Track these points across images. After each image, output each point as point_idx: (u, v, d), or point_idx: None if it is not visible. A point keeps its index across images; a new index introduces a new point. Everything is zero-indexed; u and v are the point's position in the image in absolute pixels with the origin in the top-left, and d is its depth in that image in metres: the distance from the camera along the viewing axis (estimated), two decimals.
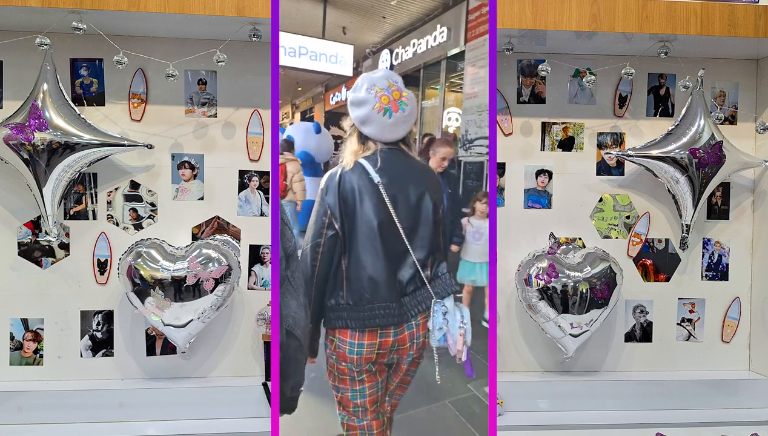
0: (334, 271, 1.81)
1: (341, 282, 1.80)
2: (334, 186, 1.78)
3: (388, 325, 1.79)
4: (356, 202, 1.77)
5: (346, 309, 1.79)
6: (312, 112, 13.78)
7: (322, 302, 1.81)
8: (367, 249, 1.78)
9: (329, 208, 1.77)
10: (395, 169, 1.81)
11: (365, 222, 1.77)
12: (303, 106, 14.68)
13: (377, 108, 1.77)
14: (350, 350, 1.79)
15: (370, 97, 1.78)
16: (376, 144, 1.82)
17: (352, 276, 1.79)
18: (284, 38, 4.11)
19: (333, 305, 1.81)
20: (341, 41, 4.55)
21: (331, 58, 3.81)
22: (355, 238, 1.78)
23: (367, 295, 1.78)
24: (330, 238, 1.77)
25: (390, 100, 1.78)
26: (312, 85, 13.13)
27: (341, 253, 1.79)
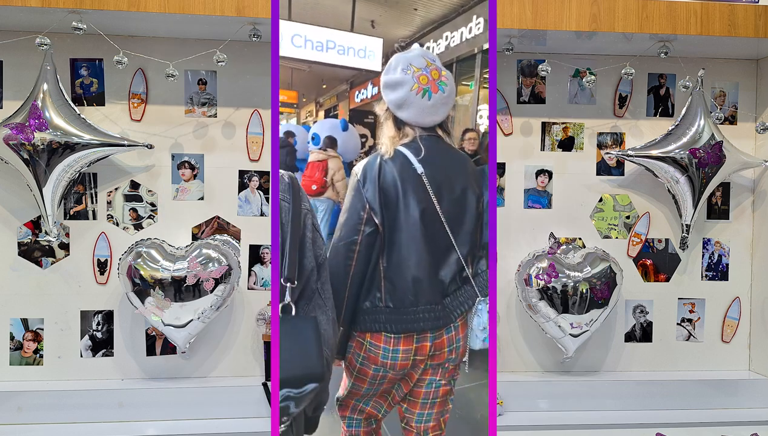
0: (372, 271, 1.62)
1: (378, 283, 1.62)
2: (374, 177, 1.59)
3: (432, 329, 1.63)
4: (398, 195, 1.58)
5: (385, 312, 1.61)
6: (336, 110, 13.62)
7: (356, 305, 1.64)
8: (410, 246, 1.60)
9: (368, 202, 1.58)
10: (437, 159, 1.63)
11: (408, 217, 1.59)
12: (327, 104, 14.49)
13: (415, 89, 1.59)
14: (384, 356, 1.62)
15: (407, 77, 1.61)
16: (414, 130, 1.64)
17: (393, 276, 1.61)
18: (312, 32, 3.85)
19: (368, 307, 1.63)
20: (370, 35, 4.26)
21: (360, 52, 3.58)
22: (397, 234, 1.60)
23: (411, 297, 1.61)
24: (368, 235, 1.58)
25: (429, 79, 1.61)
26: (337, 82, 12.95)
27: (380, 251, 1.61)
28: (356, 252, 1.59)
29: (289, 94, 12.22)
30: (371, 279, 1.63)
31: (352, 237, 1.59)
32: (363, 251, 1.60)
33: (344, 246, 1.60)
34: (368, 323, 1.63)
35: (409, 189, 1.58)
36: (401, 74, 1.63)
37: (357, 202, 1.60)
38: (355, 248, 1.59)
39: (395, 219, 1.60)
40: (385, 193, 1.59)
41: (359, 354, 1.66)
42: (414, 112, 1.62)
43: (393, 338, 1.62)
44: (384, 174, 1.59)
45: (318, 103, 14.88)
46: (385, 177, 1.59)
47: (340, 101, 12.30)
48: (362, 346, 1.65)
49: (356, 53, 3.55)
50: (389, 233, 1.60)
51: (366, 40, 4.04)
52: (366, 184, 1.60)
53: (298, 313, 1.35)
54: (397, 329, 1.61)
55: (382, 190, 1.59)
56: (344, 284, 1.61)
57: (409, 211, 1.59)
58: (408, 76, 1.62)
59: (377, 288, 1.63)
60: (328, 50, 3.54)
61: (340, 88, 11.99)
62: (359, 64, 3.61)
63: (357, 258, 1.60)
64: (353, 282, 1.61)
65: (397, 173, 1.59)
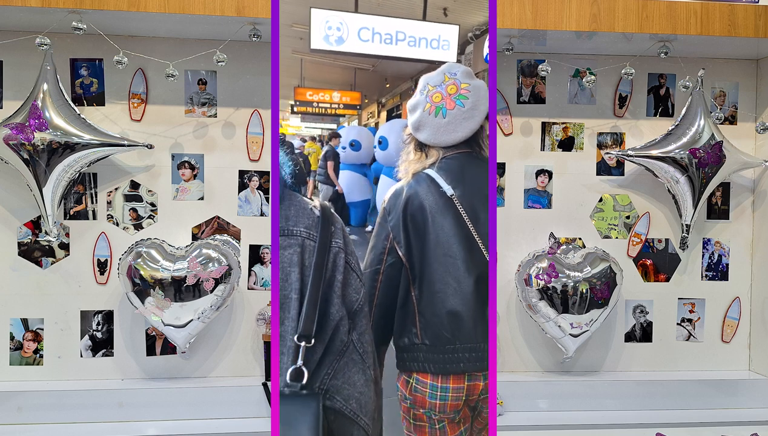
0: (402, 304, 1.52)
1: (413, 317, 1.51)
2: (400, 205, 1.50)
3: (476, 370, 1.50)
4: (427, 223, 1.48)
5: (422, 350, 1.49)
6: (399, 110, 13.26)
7: (382, 341, 1.54)
8: (444, 277, 1.47)
9: (391, 231, 1.51)
10: (469, 177, 1.52)
11: (440, 244, 1.47)
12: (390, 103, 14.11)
13: (428, 109, 1.53)
14: (432, 395, 1.50)
15: (422, 98, 1.56)
16: (438, 151, 1.55)
17: (427, 311, 1.49)
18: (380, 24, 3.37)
19: (406, 344, 1.52)
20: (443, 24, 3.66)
21: (432, 42, 3.14)
22: (427, 264, 1.48)
23: (447, 334, 1.46)
24: (390, 265, 1.51)
25: (443, 96, 1.53)
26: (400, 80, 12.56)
27: (409, 283, 1.51)
28: (379, 281, 1.53)
29: (352, 96, 11.98)
30: (404, 313, 1.53)
31: (375, 266, 1.54)
32: (385, 282, 1.53)
33: (369, 275, 1.54)
34: (408, 362, 1.53)
35: (438, 214, 1.48)
36: (419, 96, 1.58)
37: (381, 231, 1.54)
38: (378, 277, 1.53)
39: (424, 248, 1.49)
40: (413, 222, 1.50)
41: (408, 397, 1.55)
42: (429, 132, 1.54)
43: (440, 376, 1.50)
44: (410, 201, 1.50)
45: (380, 104, 14.29)
46: (412, 204, 1.50)
47: (404, 100, 11.83)
48: (408, 385, 1.54)
49: (429, 44, 3.16)
50: (419, 263, 1.50)
51: (439, 29, 3.55)
52: (392, 213, 1.52)
53: (320, 375, 1.12)
54: (435, 369, 1.49)
55: (409, 219, 1.50)
56: (370, 310, 1.49)
57: (440, 239, 1.48)
58: (422, 97, 1.57)
59: (412, 323, 1.52)
60: (398, 42, 3.20)
61: (403, 86, 11.45)
62: (432, 56, 3.17)
63: (380, 287, 1.53)
64: (378, 313, 1.53)
65: (424, 199, 1.49)
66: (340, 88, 11.84)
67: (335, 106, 11.82)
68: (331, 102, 11.76)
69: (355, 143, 7.96)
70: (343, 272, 1.19)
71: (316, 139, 11.82)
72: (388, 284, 1.52)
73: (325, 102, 11.71)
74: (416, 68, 10.20)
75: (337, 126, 12.36)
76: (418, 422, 1.55)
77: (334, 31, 3.65)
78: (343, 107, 11.89)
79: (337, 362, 1.17)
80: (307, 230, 1.17)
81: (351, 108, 12.20)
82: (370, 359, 1.22)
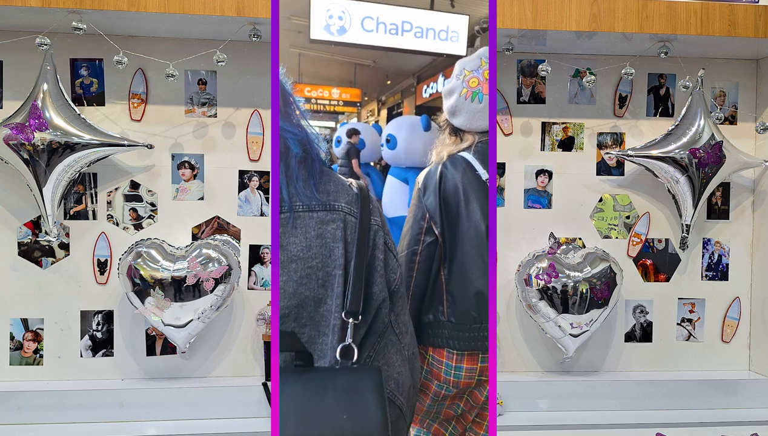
0: (432, 283, 1.56)
1: (440, 296, 1.55)
2: (434, 185, 1.53)
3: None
4: (460, 204, 1.51)
5: (448, 327, 1.54)
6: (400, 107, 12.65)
7: (418, 318, 1.57)
8: (474, 258, 1.50)
9: (428, 211, 1.53)
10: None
11: (472, 226, 1.50)
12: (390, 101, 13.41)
13: (464, 93, 1.55)
14: (446, 372, 1.56)
15: (458, 83, 1.57)
16: (474, 136, 1.57)
17: (455, 290, 1.53)
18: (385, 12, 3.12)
19: (431, 320, 1.56)
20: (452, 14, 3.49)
21: (441, 33, 2.91)
22: (459, 245, 1.52)
23: (474, 313, 1.51)
24: (428, 245, 1.53)
25: (480, 81, 1.54)
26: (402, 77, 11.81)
27: (440, 262, 1.54)
28: (417, 263, 1.54)
29: (352, 93, 11.29)
30: (433, 292, 1.57)
31: (412, 247, 1.55)
32: (424, 262, 1.54)
33: (405, 257, 1.55)
34: (431, 338, 1.57)
35: (473, 196, 1.51)
36: (455, 80, 1.58)
37: (418, 212, 1.55)
38: (416, 258, 1.54)
39: (457, 229, 1.52)
40: (446, 202, 1.53)
41: (422, 367, 1.58)
42: (465, 117, 1.57)
43: (456, 354, 1.54)
44: (445, 181, 1.53)
45: (380, 102, 13.42)
46: (446, 185, 1.53)
47: (405, 97, 11.10)
48: (424, 359, 1.58)
49: (437, 35, 2.92)
50: (450, 243, 1.53)
51: (448, 19, 3.29)
52: (426, 192, 1.55)
53: (362, 356, 1.11)
54: (460, 346, 1.54)
55: (443, 199, 1.53)
56: (407, 295, 1.53)
57: (471, 220, 1.51)
58: (459, 82, 1.58)
59: (439, 302, 1.56)
60: (404, 33, 2.92)
61: (405, 83, 10.72)
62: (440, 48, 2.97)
63: (418, 269, 1.55)
64: (414, 295, 1.55)
65: (459, 180, 1.52)
66: (339, 85, 11.21)
67: (334, 103, 11.29)
68: (330, 99, 11.22)
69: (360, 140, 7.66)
70: (384, 251, 1.17)
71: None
72: (427, 264, 1.54)
73: (323, 99, 11.16)
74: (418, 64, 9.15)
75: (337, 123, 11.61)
76: (423, 389, 1.59)
77: (336, 21, 3.38)
78: (342, 104, 11.35)
79: (378, 343, 1.16)
80: (348, 206, 1.16)
81: (351, 105, 11.63)
82: (408, 339, 1.21)
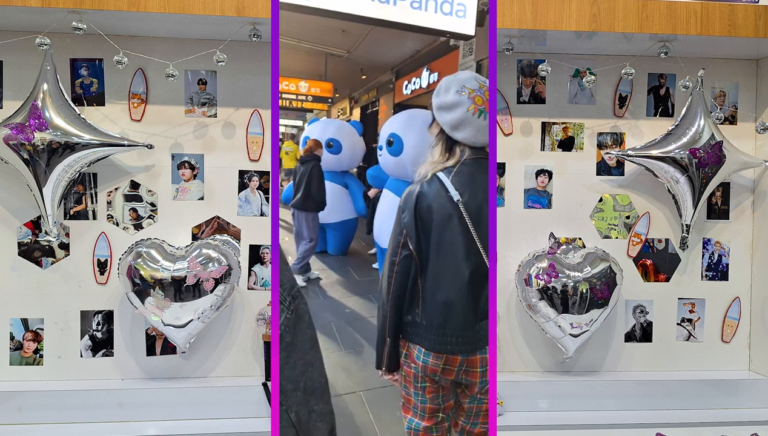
0: (411, 287, 1.74)
1: (417, 300, 1.74)
2: (411, 205, 1.68)
3: (461, 352, 1.72)
4: (433, 223, 1.67)
5: (421, 328, 1.73)
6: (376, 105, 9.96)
7: (399, 319, 1.76)
8: (445, 271, 1.68)
9: (405, 228, 1.69)
10: (479, 182, 1.69)
11: (444, 243, 1.67)
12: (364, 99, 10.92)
13: (471, 109, 1.67)
14: (417, 356, 1.76)
15: (463, 99, 1.68)
16: (463, 152, 1.71)
17: (428, 297, 1.72)
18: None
19: (410, 320, 1.76)
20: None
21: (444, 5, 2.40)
22: (432, 258, 1.69)
23: (440, 318, 1.69)
24: (404, 258, 1.70)
25: (483, 100, 1.69)
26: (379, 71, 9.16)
27: (417, 272, 1.72)
28: (394, 272, 1.72)
29: (323, 87, 9.96)
30: (412, 294, 1.74)
31: (392, 257, 1.72)
32: (400, 271, 1.72)
33: (388, 265, 1.73)
34: (410, 335, 1.77)
35: (445, 216, 1.66)
36: (456, 96, 1.69)
37: (397, 227, 1.72)
38: (395, 268, 1.72)
39: (429, 244, 1.68)
40: (422, 221, 1.67)
41: (405, 354, 1.80)
42: (471, 132, 1.69)
43: (424, 350, 1.74)
44: (420, 202, 1.68)
45: (353, 99, 12.09)
46: (421, 205, 1.67)
47: (382, 95, 9.97)
48: (409, 349, 1.79)
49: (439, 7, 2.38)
50: (425, 256, 1.69)
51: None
52: (405, 211, 1.70)
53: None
54: (429, 346, 1.73)
55: (418, 218, 1.68)
56: (386, 301, 1.74)
57: (443, 239, 1.67)
58: (464, 98, 1.69)
59: (416, 304, 1.74)
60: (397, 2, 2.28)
61: (382, 78, 9.71)
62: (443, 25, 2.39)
63: (395, 277, 1.72)
64: (392, 298, 1.73)
65: (432, 201, 1.67)
66: (307, 78, 9.86)
67: (302, 99, 9.89)
68: (297, 93, 9.79)
69: (334, 143, 6.18)
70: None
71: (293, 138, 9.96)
72: (404, 274, 1.72)
73: (290, 93, 9.72)
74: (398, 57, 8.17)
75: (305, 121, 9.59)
76: (407, 377, 1.81)
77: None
78: (312, 100, 10.02)
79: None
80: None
81: (321, 101, 10.17)
82: (290, 400, 1.27)
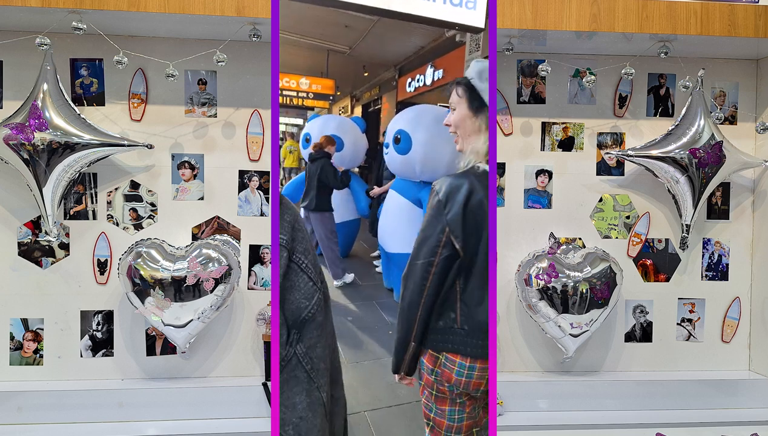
0: (446, 291, 1.55)
1: (453, 304, 1.55)
2: (460, 199, 1.48)
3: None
4: (484, 220, 1.49)
5: (460, 335, 1.55)
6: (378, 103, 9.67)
7: (428, 323, 1.57)
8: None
9: (449, 224, 1.49)
10: None
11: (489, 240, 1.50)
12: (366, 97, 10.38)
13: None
14: (459, 372, 1.56)
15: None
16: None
17: (471, 301, 1.54)
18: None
19: (442, 326, 1.56)
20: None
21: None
22: (478, 258, 1.52)
23: (486, 324, 1.54)
24: (445, 258, 1.51)
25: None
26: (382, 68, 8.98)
27: (457, 274, 1.54)
28: (432, 273, 1.52)
29: (324, 84, 9.66)
30: (445, 298, 1.56)
31: (428, 258, 1.52)
32: (438, 274, 1.52)
33: (421, 265, 1.53)
34: (441, 343, 1.57)
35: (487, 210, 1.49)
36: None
37: (437, 224, 1.51)
38: (431, 269, 1.52)
39: (478, 243, 1.51)
40: (473, 217, 1.49)
41: (434, 370, 1.59)
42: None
43: (470, 357, 1.56)
44: (472, 196, 1.49)
45: (354, 97, 11.88)
46: (473, 200, 1.49)
47: (384, 92, 9.71)
48: (436, 361, 1.58)
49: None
50: (470, 256, 1.52)
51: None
52: (449, 205, 1.50)
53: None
54: (472, 353, 1.55)
55: (468, 214, 1.49)
56: (417, 304, 1.54)
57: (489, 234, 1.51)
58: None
59: (452, 309, 1.56)
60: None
61: (385, 76, 9.45)
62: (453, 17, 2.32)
63: (432, 279, 1.52)
64: (426, 303, 1.54)
65: (483, 195, 1.50)
66: (308, 74, 9.55)
67: (303, 96, 9.55)
68: (297, 90, 9.45)
69: (335, 140, 5.74)
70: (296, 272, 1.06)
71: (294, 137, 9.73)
72: (442, 275, 1.53)
73: (290, 89, 9.40)
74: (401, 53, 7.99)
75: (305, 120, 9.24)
76: (440, 395, 1.61)
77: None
78: (312, 97, 9.65)
79: (281, 375, 1.03)
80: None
81: (322, 98, 9.82)
82: (321, 380, 1.05)
